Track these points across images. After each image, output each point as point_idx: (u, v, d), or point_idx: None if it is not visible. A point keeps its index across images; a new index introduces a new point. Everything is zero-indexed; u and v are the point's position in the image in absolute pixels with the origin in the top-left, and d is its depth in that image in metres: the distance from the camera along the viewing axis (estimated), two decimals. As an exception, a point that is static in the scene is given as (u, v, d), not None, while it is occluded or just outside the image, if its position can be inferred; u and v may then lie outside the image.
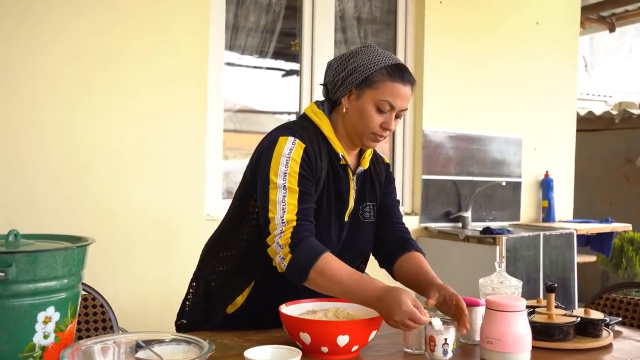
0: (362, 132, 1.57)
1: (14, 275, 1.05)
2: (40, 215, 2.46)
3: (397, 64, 1.56)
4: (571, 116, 4.45)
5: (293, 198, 1.46)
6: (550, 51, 4.26)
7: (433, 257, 3.54)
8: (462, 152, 3.83)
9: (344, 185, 1.60)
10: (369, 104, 1.54)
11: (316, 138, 1.57)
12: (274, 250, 1.45)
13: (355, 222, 1.65)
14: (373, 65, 1.53)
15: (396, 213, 1.77)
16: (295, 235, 1.43)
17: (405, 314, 1.31)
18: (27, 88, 2.47)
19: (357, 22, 3.69)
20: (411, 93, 1.58)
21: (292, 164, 1.48)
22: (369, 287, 1.39)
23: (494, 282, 1.62)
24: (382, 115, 1.55)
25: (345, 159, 1.59)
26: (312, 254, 1.42)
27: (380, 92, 1.53)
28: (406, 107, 1.58)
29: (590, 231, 3.98)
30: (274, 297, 1.52)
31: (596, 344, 1.47)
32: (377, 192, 1.72)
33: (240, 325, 1.56)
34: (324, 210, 1.56)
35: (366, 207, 1.67)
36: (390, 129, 1.57)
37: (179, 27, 2.83)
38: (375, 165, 1.73)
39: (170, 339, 1.14)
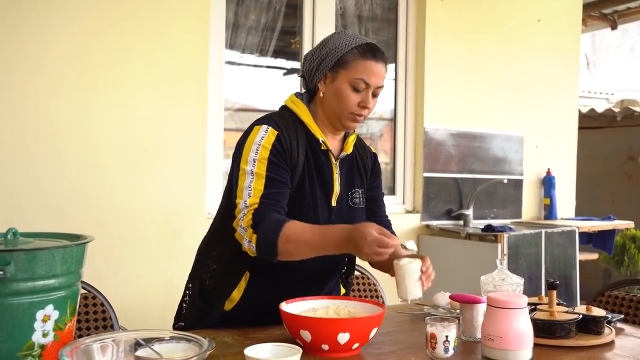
0: (340, 113, 1.59)
1: (13, 274, 1.04)
2: (41, 214, 2.46)
3: (367, 43, 1.59)
4: (573, 113, 4.44)
5: (259, 183, 1.49)
6: (552, 48, 4.25)
7: (434, 255, 3.53)
8: (463, 149, 3.82)
9: (327, 170, 1.62)
10: (344, 84, 1.57)
11: (293, 125, 1.59)
12: (240, 234, 1.49)
13: (346, 208, 1.66)
14: (344, 47, 1.56)
15: (381, 207, 1.81)
16: (256, 215, 1.46)
17: (373, 242, 1.36)
18: (29, 88, 2.47)
19: (357, 20, 3.68)
20: (385, 71, 1.60)
21: (262, 150, 1.52)
22: (334, 233, 1.43)
23: (495, 279, 1.62)
24: (359, 94, 1.57)
25: (325, 144, 1.61)
26: (274, 226, 1.44)
27: (354, 71, 1.55)
28: (382, 85, 1.60)
29: (592, 229, 3.97)
30: (270, 290, 1.54)
31: (598, 341, 1.47)
32: (365, 180, 1.74)
33: (239, 323, 1.56)
34: (308, 193, 1.58)
35: (355, 193, 1.69)
36: (368, 107, 1.59)
37: (179, 26, 2.82)
38: (360, 152, 1.75)
39: (170, 337, 1.14)
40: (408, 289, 1.48)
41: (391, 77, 3.78)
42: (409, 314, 1.75)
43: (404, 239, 3.81)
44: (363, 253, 1.38)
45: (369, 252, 1.37)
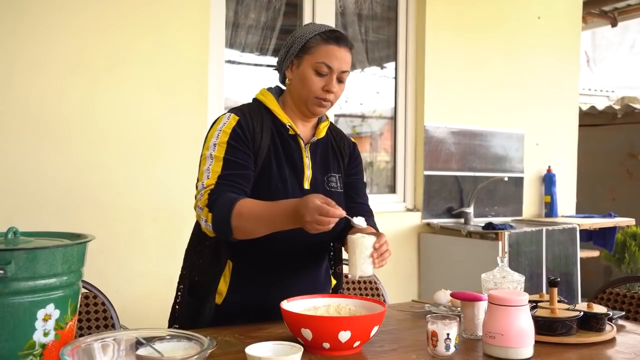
0: (306, 98, 1.63)
1: (13, 273, 1.04)
2: (42, 213, 2.46)
3: (331, 30, 1.64)
4: (573, 111, 4.43)
5: (217, 166, 1.54)
6: (552, 46, 4.25)
7: (435, 253, 3.58)
8: (464, 147, 3.82)
9: (296, 154, 1.66)
10: (308, 69, 1.61)
11: (259, 112, 1.64)
12: (198, 215, 1.52)
13: (322, 191, 1.67)
14: (308, 34, 1.62)
15: (360, 194, 1.82)
16: (212, 195, 1.50)
17: (314, 210, 1.36)
18: (31, 88, 2.47)
19: (357, 18, 3.68)
20: (349, 57, 1.64)
21: (222, 135, 1.57)
22: (282, 206, 1.46)
23: (496, 277, 1.62)
24: (322, 78, 1.61)
25: (293, 129, 1.65)
26: (227, 204, 1.46)
27: (317, 55, 1.60)
28: (346, 70, 1.63)
29: (593, 226, 3.97)
30: (256, 277, 1.58)
31: (599, 338, 1.47)
32: (342, 165, 1.77)
33: (233, 318, 1.57)
34: (275, 175, 1.61)
35: (332, 177, 1.72)
36: (332, 91, 1.61)
37: (179, 25, 2.82)
38: (337, 140, 1.79)
39: (171, 335, 1.14)
40: (357, 265, 1.47)
41: (391, 76, 3.78)
42: (410, 312, 1.75)
43: (404, 237, 3.83)
44: (305, 222, 1.37)
45: (310, 219, 1.36)
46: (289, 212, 1.42)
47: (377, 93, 3.84)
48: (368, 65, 3.77)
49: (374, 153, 3.85)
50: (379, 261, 1.50)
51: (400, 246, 3.60)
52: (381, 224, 3.48)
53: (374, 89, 3.83)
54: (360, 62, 3.72)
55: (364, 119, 3.84)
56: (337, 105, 3.62)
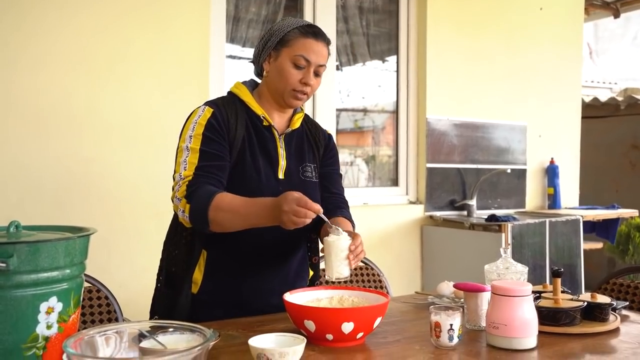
0: (282, 90, 1.65)
1: (16, 266, 1.04)
2: (45, 207, 2.47)
3: (309, 24, 1.66)
4: (576, 102, 4.42)
5: (194, 157, 1.56)
6: (555, 37, 4.23)
7: (438, 246, 3.58)
8: (466, 139, 3.81)
9: (271, 145, 1.68)
10: (285, 62, 1.62)
11: (233, 104, 1.66)
12: (175, 205, 1.55)
13: (296, 181, 1.69)
14: (286, 27, 1.64)
15: (335, 184, 1.83)
16: (191, 186, 1.52)
17: (292, 200, 1.38)
18: (32, 84, 2.47)
19: (358, 11, 3.67)
20: (327, 51, 1.66)
21: (197, 127, 1.59)
22: (262, 202, 1.46)
23: (499, 268, 1.61)
24: (300, 71, 1.63)
25: (267, 120, 1.67)
26: (206, 196, 1.48)
27: (295, 48, 1.62)
28: (323, 64, 1.65)
29: (597, 217, 3.96)
30: (229, 265, 1.61)
31: (603, 328, 1.46)
32: (317, 156, 1.79)
33: (210, 306, 1.59)
34: (249, 166, 1.63)
35: (307, 167, 1.74)
36: (309, 84, 1.64)
37: (180, 20, 2.81)
38: (312, 130, 1.81)
39: (174, 328, 1.14)
40: (333, 267, 1.47)
41: (393, 69, 3.77)
42: (413, 304, 1.75)
43: (407, 230, 3.82)
44: (283, 212, 1.38)
45: (288, 209, 1.37)
46: (267, 206, 1.44)
47: (379, 87, 3.83)
48: (369, 58, 3.76)
49: (376, 147, 3.85)
50: (354, 262, 1.49)
51: (403, 239, 3.59)
52: (384, 217, 3.53)
53: (375, 82, 3.82)
54: (361, 56, 3.71)
55: (365, 113, 3.83)
56: (339, 99, 3.61)
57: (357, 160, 3.77)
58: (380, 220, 3.52)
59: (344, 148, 3.70)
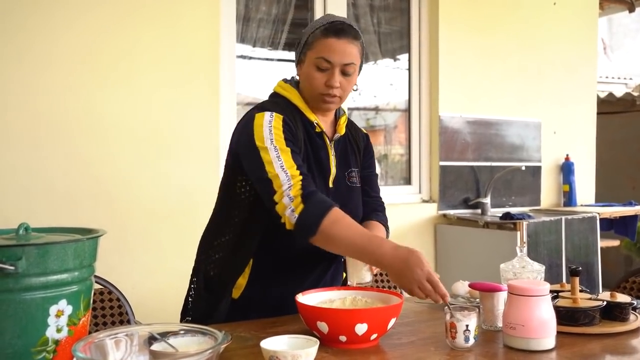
0: (312, 96, 1.59)
1: (25, 269, 1.03)
2: (56, 209, 2.47)
3: (332, 22, 1.56)
4: (591, 98, 4.36)
5: (287, 156, 1.47)
6: (569, 32, 4.18)
7: (452, 244, 3.54)
8: (479, 137, 3.77)
9: (323, 153, 1.62)
10: (310, 66, 1.57)
11: (289, 110, 1.59)
12: (284, 204, 1.43)
13: (344, 188, 1.65)
14: (310, 29, 1.58)
15: (374, 187, 1.79)
16: (306, 187, 1.43)
17: (424, 274, 1.32)
18: (40, 83, 2.47)
19: (370, 9, 3.64)
20: (355, 48, 1.56)
21: (275, 130, 1.49)
22: (384, 244, 1.39)
23: (515, 267, 1.58)
24: (324, 74, 1.55)
25: (320, 127, 1.61)
26: (325, 205, 1.42)
27: (316, 50, 1.55)
28: (349, 62, 1.55)
29: (614, 215, 3.90)
30: (272, 273, 1.56)
31: (623, 328, 1.43)
32: (359, 159, 1.74)
33: (249, 311, 1.56)
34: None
35: (352, 173, 1.69)
36: (333, 86, 1.55)
37: (190, 20, 2.81)
38: (353, 133, 1.75)
39: (185, 330, 1.12)
40: (355, 272, 1.46)
41: (405, 67, 3.74)
42: (428, 304, 1.72)
43: (421, 229, 3.79)
44: (410, 277, 1.33)
45: (417, 278, 1.32)
46: (392, 255, 1.36)
47: (391, 85, 3.80)
48: (381, 57, 3.73)
49: (388, 146, 3.82)
50: (376, 268, 1.47)
51: (416, 238, 3.56)
52: (397, 215, 3.50)
53: (387, 81, 3.79)
54: (373, 54, 3.68)
55: (377, 112, 3.81)
56: (351, 98, 3.59)
57: (370, 159, 3.74)
58: (393, 219, 3.44)
59: (356, 147, 3.67)
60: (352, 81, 1.60)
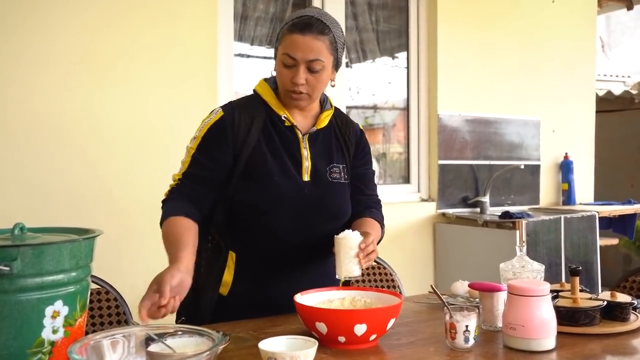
0: (282, 91, 1.59)
1: (20, 269, 1.02)
2: (53, 209, 2.46)
3: (299, 17, 1.54)
4: (590, 96, 4.35)
5: (187, 162, 1.60)
6: (567, 30, 4.17)
7: (451, 243, 3.53)
8: (478, 135, 3.76)
9: (294, 146, 1.61)
10: (278, 62, 1.57)
11: (251, 106, 1.61)
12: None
13: (324, 182, 1.62)
14: (282, 24, 1.58)
15: (369, 185, 1.77)
16: (171, 193, 1.58)
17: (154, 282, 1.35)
18: (38, 83, 2.46)
19: (368, 7, 3.63)
20: (322, 43, 1.52)
21: (203, 129, 1.59)
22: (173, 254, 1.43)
23: (515, 266, 1.57)
24: (290, 70, 1.54)
25: (289, 121, 1.60)
26: (168, 212, 1.52)
27: (282, 47, 1.54)
28: (314, 58, 1.52)
29: (612, 213, 3.90)
30: (259, 269, 1.58)
31: (624, 328, 1.42)
32: (347, 155, 1.70)
33: (240, 308, 1.55)
34: (271, 162, 1.57)
35: (334, 168, 1.66)
36: (297, 83, 1.53)
37: (187, 19, 2.79)
38: (341, 127, 1.72)
39: (182, 331, 1.11)
40: (342, 265, 1.45)
41: (403, 66, 3.73)
42: (427, 304, 1.72)
43: (419, 228, 3.78)
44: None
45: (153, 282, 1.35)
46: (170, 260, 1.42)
47: (389, 83, 3.79)
48: (379, 55, 3.72)
49: (387, 144, 3.81)
50: (365, 261, 1.46)
51: (415, 237, 3.56)
52: (396, 214, 3.49)
53: (385, 79, 3.78)
54: (371, 52, 3.67)
55: (376, 110, 3.80)
56: (349, 97, 3.58)
57: (368, 157, 3.73)
58: (392, 218, 3.48)
59: (355, 146, 3.66)
60: (322, 78, 1.56)
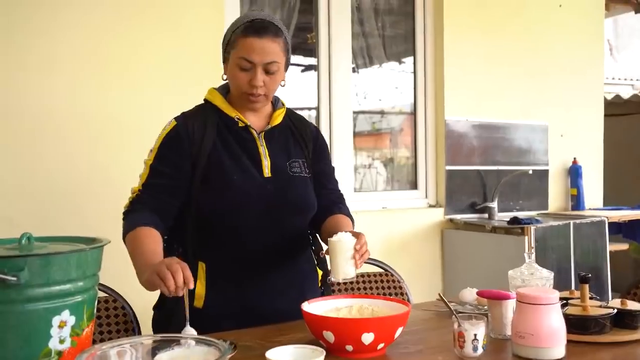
0: (237, 94, 1.62)
1: (27, 280, 1.02)
2: (60, 217, 2.46)
3: (253, 20, 1.57)
4: (598, 101, 4.32)
5: (145, 174, 1.61)
6: (575, 34, 4.15)
7: (459, 250, 3.52)
8: (486, 141, 3.75)
9: (251, 144, 1.64)
10: (233, 65, 1.58)
11: (202, 112, 1.65)
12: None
13: (284, 177, 1.65)
14: (232, 27, 1.59)
15: (330, 180, 1.80)
16: (132, 204, 1.58)
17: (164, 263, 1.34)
18: (43, 87, 2.46)
19: (374, 13, 3.63)
20: (276, 45, 1.56)
21: (157, 140, 1.63)
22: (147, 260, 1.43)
23: (523, 273, 1.56)
24: (247, 73, 1.56)
25: (242, 121, 1.63)
26: (132, 224, 1.52)
27: (238, 50, 1.56)
28: (270, 60, 1.55)
29: (622, 218, 3.86)
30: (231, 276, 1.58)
31: (635, 336, 1.40)
32: (305, 151, 1.74)
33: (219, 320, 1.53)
34: (231, 168, 1.59)
35: (294, 163, 1.69)
36: (256, 85, 1.56)
37: (193, 24, 2.80)
38: (297, 125, 1.76)
39: (189, 341, 1.11)
40: (339, 268, 1.44)
41: (410, 70, 3.73)
42: (436, 312, 1.71)
43: (427, 234, 3.76)
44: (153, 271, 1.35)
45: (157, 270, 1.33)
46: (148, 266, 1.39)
47: (396, 88, 3.78)
48: (386, 60, 3.71)
49: (394, 149, 3.80)
50: (360, 262, 1.46)
51: (423, 243, 3.54)
52: (404, 221, 3.48)
53: (392, 84, 3.77)
54: (377, 58, 3.67)
55: (383, 115, 3.79)
56: (356, 102, 3.57)
57: (376, 162, 3.73)
58: (399, 225, 3.47)
59: (362, 150, 3.66)
60: (277, 79, 1.60)
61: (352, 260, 1.44)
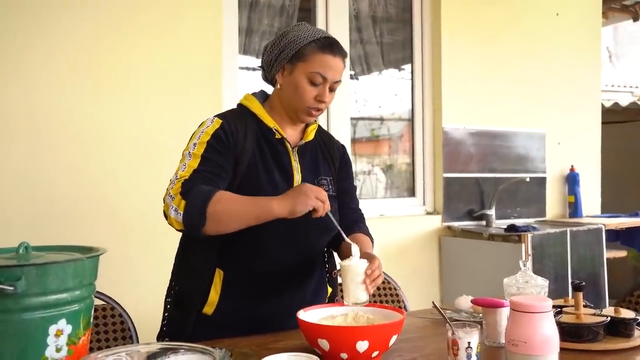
0: (297, 107, 1.61)
1: (24, 289, 1.03)
2: (58, 226, 2.46)
3: (326, 37, 1.60)
4: (596, 108, 4.34)
5: (194, 162, 1.51)
6: (572, 43, 4.17)
7: (457, 257, 3.52)
8: (483, 148, 3.76)
9: (285, 158, 1.63)
10: (301, 78, 1.57)
11: (242, 117, 1.62)
12: (167, 204, 1.45)
13: None
14: (303, 40, 1.57)
15: (353, 200, 1.80)
16: (186, 184, 1.45)
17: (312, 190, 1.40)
18: (41, 93, 2.47)
19: (372, 21, 3.65)
20: (343, 65, 1.61)
21: (204, 136, 1.55)
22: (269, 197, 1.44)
23: (519, 281, 1.57)
24: (316, 88, 1.57)
25: (280, 133, 1.62)
26: (206, 191, 1.43)
27: (311, 64, 1.56)
28: (339, 79, 1.60)
29: (620, 226, 3.87)
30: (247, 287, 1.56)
31: (628, 344, 1.41)
32: (332, 168, 1.74)
33: (226, 328, 1.54)
34: (263, 180, 1.58)
35: (322, 180, 1.69)
36: (324, 102, 1.59)
37: (192, 32, 2.82)
38: (326, 142, 1.77)
39: (185, 349, 1.12)
40: (350, 292, 1.44)
41: (408, 77, 3.74)
42: (431, 319, 1.71)
43: (424, 241, 3.77)
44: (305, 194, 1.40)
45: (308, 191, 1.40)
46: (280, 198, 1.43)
47: (395, 95, 3.80)
48: (385, 67, 3.73)
49: (394, 155, 3.81)
50: (371, 287, 1.46)
51: (420, 250, 3.55)
52: (401, 227, 3.49)
53: (391, 91, 3.79)
54: (376, 65, 3.69)
55: (382, 122, 3.81)
56: (356, 109, 3.59)
57: (375, 169, 3.74)
58: (397, 232, 3.48)
59: (362, 157, 3.67)
60: (333, 97, 1.63)
61: (364, 285, 1.44)
